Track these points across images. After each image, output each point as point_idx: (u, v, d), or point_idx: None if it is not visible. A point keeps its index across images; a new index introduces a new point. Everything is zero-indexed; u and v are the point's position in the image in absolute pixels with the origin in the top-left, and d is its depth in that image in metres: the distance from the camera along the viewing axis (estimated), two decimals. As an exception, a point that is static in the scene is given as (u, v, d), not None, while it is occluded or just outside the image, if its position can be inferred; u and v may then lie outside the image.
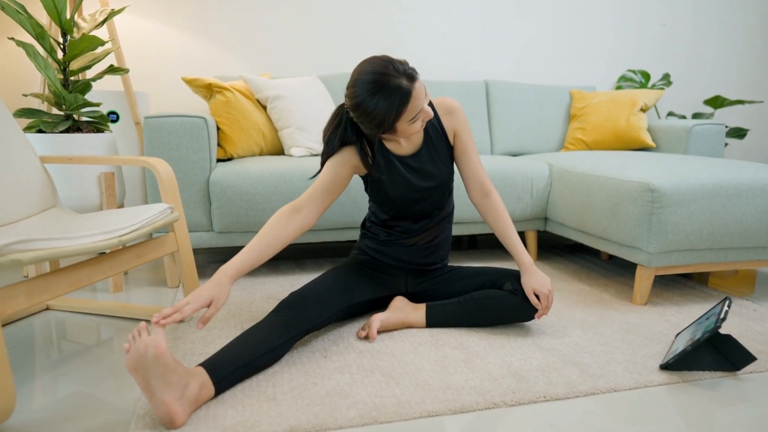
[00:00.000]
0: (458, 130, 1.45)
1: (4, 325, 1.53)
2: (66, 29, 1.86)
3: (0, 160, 1.41)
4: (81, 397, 1.13)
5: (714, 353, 1.22)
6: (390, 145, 1.42)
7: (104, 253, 1.48)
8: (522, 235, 2.74)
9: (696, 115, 3.22)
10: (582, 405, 1.10)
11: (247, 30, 2.66)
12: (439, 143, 1.45)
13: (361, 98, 1.21)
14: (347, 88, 1.25)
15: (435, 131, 1.45)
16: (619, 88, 3.20)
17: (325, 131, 1.39)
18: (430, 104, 1.46)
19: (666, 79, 3.18)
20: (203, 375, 1.07)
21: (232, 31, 2.65)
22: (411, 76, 1.21)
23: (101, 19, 1.96)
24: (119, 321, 1.58)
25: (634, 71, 3.20)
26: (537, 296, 1.39)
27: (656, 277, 2.01)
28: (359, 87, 1.21)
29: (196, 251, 2.50)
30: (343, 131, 1.36)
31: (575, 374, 1.21)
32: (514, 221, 2.18)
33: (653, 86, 3.17)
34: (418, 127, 1.29)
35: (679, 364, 1.22)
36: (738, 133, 3.15)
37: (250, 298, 1.74)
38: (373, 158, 1.40)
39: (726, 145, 3.22)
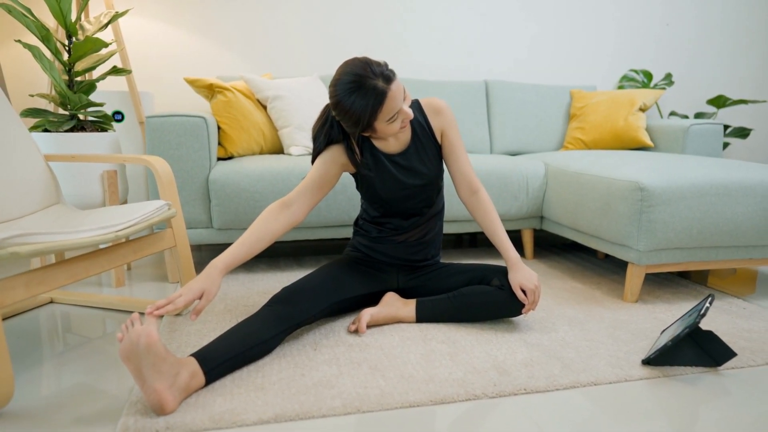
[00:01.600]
0: (446, 130, 1.48)
1: (9, 318, 1.59)
2: (71, 31, 1.91)
3: (5, 159, 1.47)
4: (79, 386, 1.17)
5: (695, 349, 1.24)
6: (378, 143, 1.46)
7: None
8: (518, 233, 2.77)
9: (698, 115, 3.22)
10: (561, 398, 1.12)
11: (249, 31, 2.71)
12: (426, 142, 1.48)
13: (340, 97, 1.26)
14: (329, 87, 1.29)
15: (423, 130, 1.48)
16: (621, 87, 3.20)
17: (314, 129, 1.43)
18: (418, 104, 1.49)
19: (668, 79, 3.18)
20: (194, 365, 1.11)
21: (235, 31, 2.70)
22: (388, 77, 1.25)
23: (105, 21, 2.01)
24: (120, 314, 1.63)
25: (636, 71, 3.20)
26: (524, 292, 1.42)
27: (651, 275, 2.03)
28: (339, 86, 1.26)
29: (196, 248, 2.55)
30: (329, 129, 1.41)
31: (558, 368, 1.24)
32: (510, 219, 2.20)
33: (656, 86, 3.16)
34: (398, 127, 1.32)
35: (661, 359, 1.24)
36: (741, 132, 3.14)
37: (246, 293, 1.79)
38: (361, 156, 1.44)
39: (728, 144, 3.21)
